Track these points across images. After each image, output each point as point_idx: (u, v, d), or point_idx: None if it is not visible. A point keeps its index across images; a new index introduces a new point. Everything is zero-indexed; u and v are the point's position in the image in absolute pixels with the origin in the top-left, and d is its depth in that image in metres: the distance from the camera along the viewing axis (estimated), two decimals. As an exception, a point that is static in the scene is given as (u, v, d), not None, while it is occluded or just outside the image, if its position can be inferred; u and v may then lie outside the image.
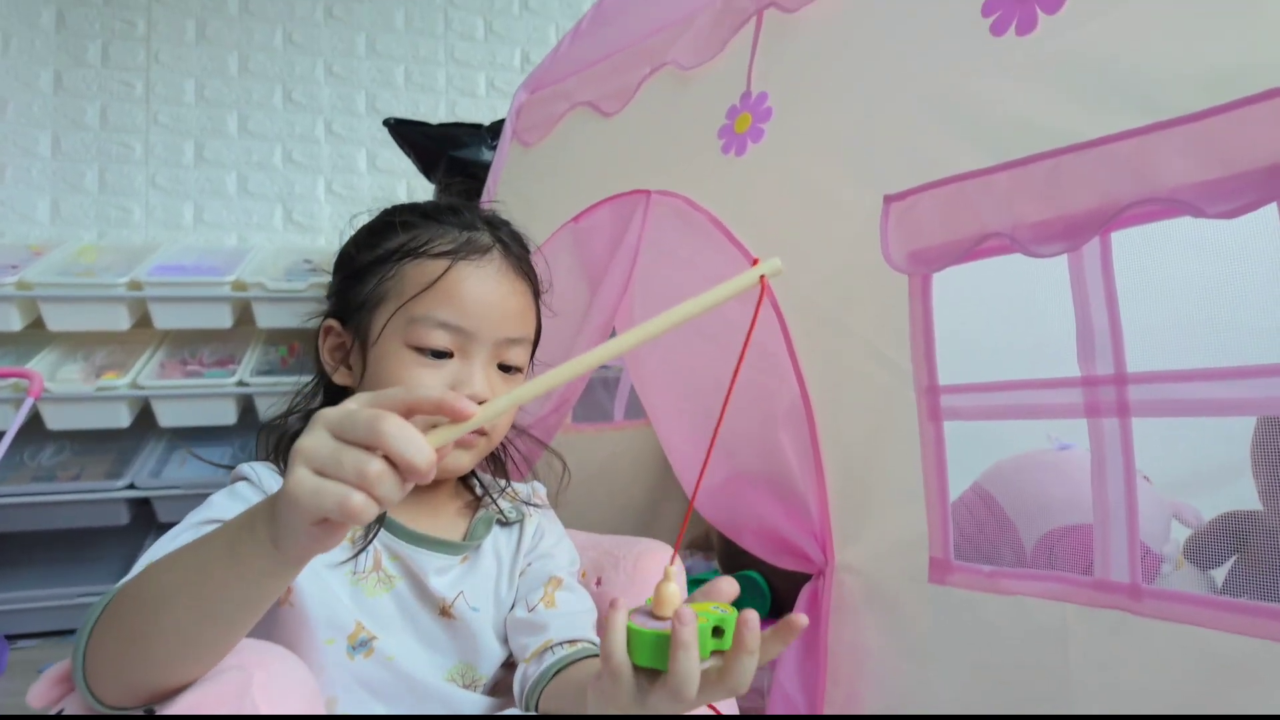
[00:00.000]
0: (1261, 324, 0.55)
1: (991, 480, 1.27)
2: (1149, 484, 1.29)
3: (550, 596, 0.72)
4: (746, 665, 0.43)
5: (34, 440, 1.83)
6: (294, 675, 0.47)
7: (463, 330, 0.65)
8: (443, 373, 0.65)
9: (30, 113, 2.11)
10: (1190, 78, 0.57)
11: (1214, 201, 0.54)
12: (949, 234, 0.72)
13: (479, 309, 0.66)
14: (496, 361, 0.68)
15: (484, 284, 0.68)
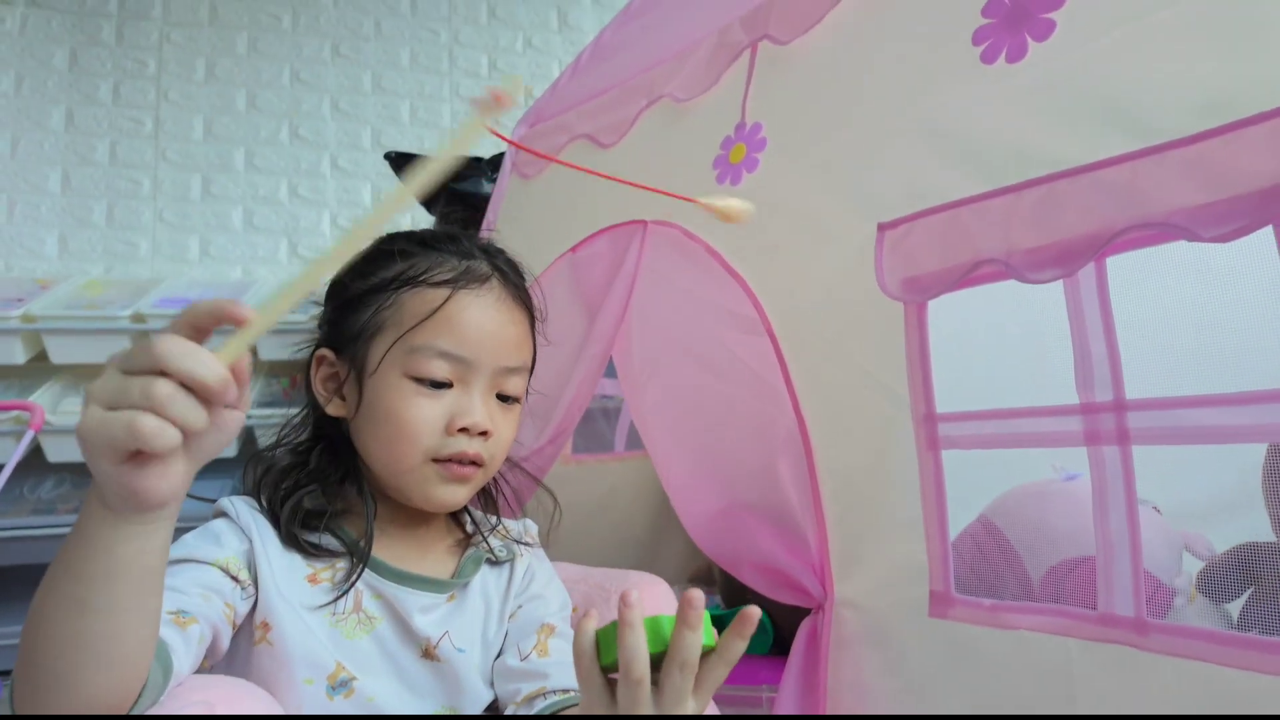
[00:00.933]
0: (1260, 347, 0.54)
1: (997, 512, 1.25)
2: (1159, 515, 1.27)
3: (544, 645, 0.71)
4: (690, 642, 0.47)
5: (35, 473, 1.83)
6: (259, 709, 0.46)
7: (463, 360, 0.65)
8: (442, 403, 0.65)
9: (41, 150, 2.15)
10: (1182, 101, 0.57)
11: (1209, 225, 0.54)
12: (943, 261, 0.72)
13: (478, 338, 0.66)
14: (495, 391, 0.68)
15: (484, 313, 0.67)
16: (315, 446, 0.71)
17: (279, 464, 0.70)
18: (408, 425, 0.64)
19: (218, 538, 0.62)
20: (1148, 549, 1.15)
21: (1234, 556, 0.97)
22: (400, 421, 0.64)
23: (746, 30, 1.02)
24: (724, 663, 0.50)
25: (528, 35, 2.55)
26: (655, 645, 0.47)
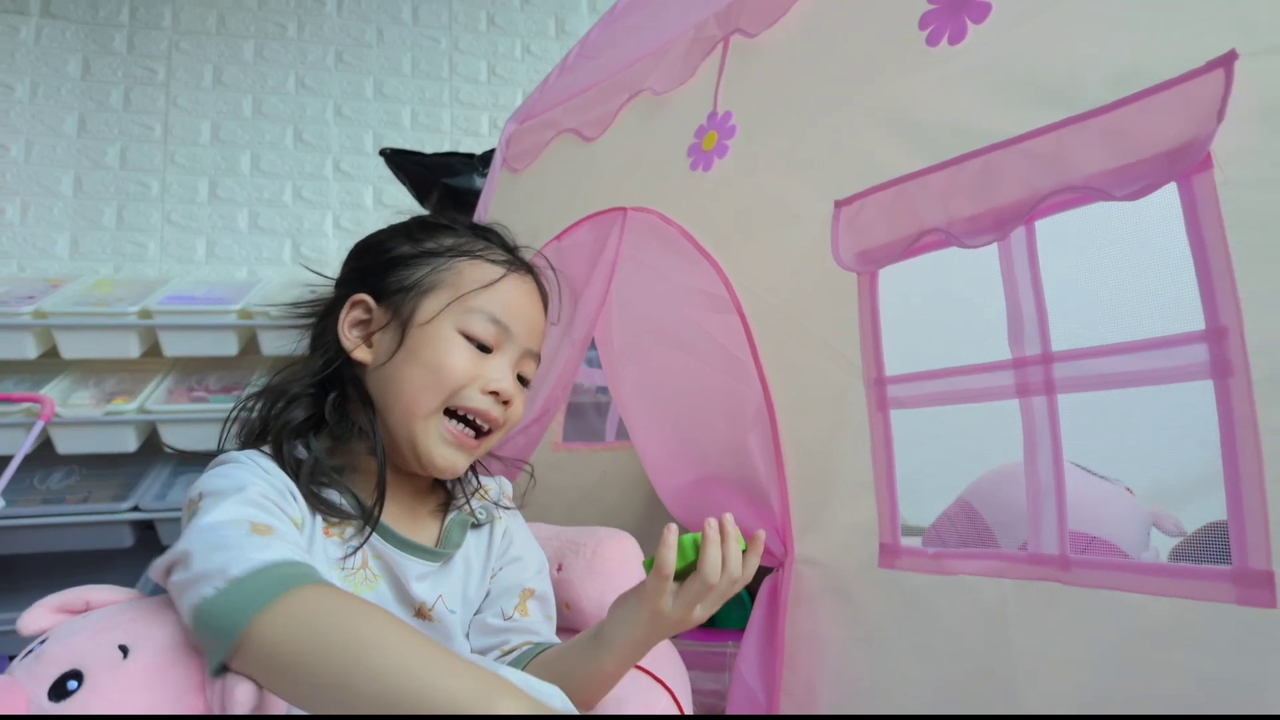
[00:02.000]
0: (1167, 296, 0.58)
1: (974, 493, 1.28)
2: (1131, 495, 1.30)
3: (524, 606, 0.78)
4: (732, 551, 0.67)
5: (44, 464, 1.88)
6: None
7: (508, 330, 0.73)
8: (480, 363, 0.72)
9: (54, 155, 2.22)
10: (1100, 74, 0.61)
11: (1122, 186, 0.58)
12: (892, 233, 0.76)
13: (521, 316, 0.75)
14: (517, 371, 0.75)
15: (527, 297, 0.78)
16: (328, 396, 0.71)
17: (295, 418, 0.70)
18: (447, 370, 0.69)
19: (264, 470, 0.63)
20: (1118, 525, 1.19)
21: (1203, 535, 1.00)
22: (442, 366, 0.69)
23: (720, 25, 1.06)
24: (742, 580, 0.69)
25: (526, 42, 2.62)
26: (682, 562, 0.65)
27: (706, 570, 0.64)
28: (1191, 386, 0.54)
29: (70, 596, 0.51)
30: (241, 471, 0.62)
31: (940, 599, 0.69)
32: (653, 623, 0.66)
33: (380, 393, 0.71)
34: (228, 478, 0.60)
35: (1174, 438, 1.13)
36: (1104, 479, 1.25)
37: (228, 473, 0.62)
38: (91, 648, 0.44)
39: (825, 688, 0.76)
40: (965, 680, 0.66)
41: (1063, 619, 0.60)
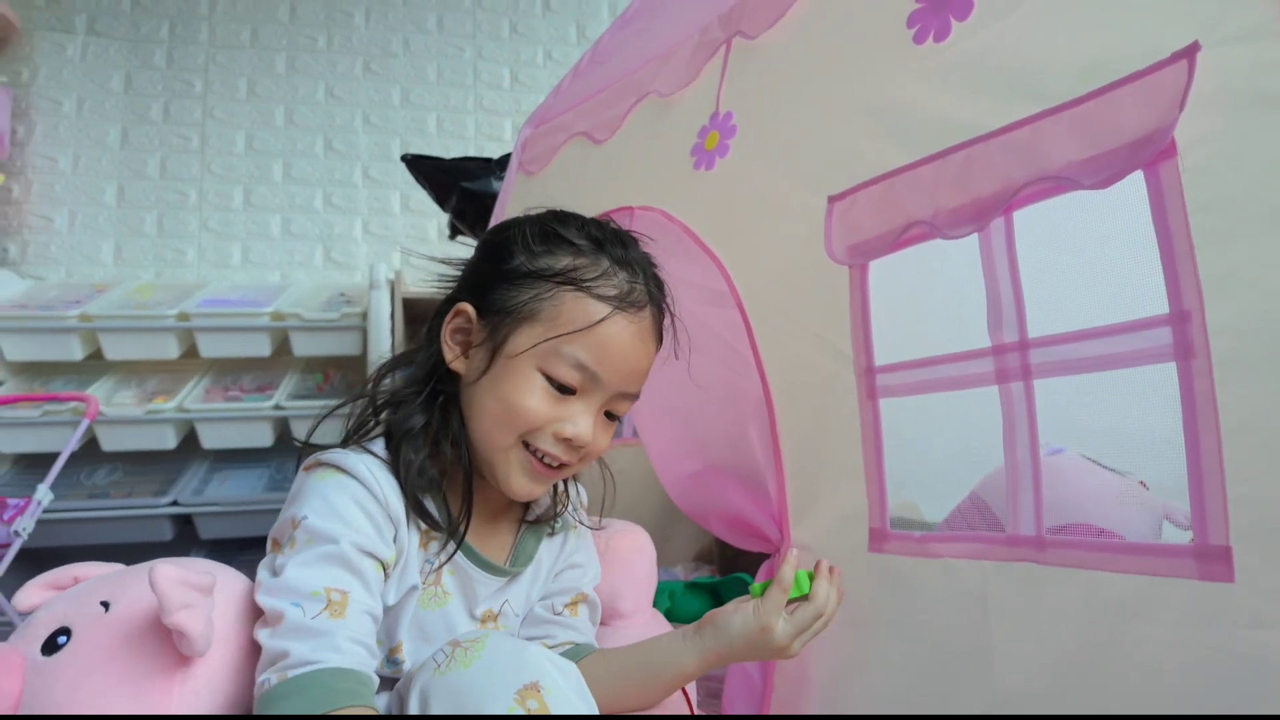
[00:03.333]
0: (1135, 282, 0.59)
1: (985, 488, 1.29)
2: (1144, 489, 1.30)
3: (575, 608, 0.78)
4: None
5: (90, 461, 1.98)
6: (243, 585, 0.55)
7: (596, 377, 0.66)
8: (560, 406, 0.66)
9: (99, 166, 2.33)
10: (1072, 68, 0.63)
11: (1091, 174, 0.59)
12: (882, 226, 0.78)
13: (618, 363, 0.67)
14: (606, 409, 0.69)
15: (630, 341, 0.68)
16: (435, 400, 0.70)
17: (415, 424, 0.68)
18: (521, 413, 0.65)
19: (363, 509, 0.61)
20: (1127, 519, 1.19)
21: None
22: (517, 408, 0.65)
23: (723, 28, 1.09)
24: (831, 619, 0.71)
25: (548, 49, 2.67)
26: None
27: (819, 601, 0.68)
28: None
29: (58, 574, 0.55)
30: (344, 503, 0.61)
31: (925, 582, 0.70)
32: (761, 638, 0.67)
33: (468, 409, 0.69)
34: (329, 512, 0.60)
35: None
36: (1115, 472, 1.24)
37: (331, 500, 0.60)
38: (77, 607, 0.49)
39: (817, 668, 0.78)
40: (947, 659, 0.68)
41: (1038, 598, 0.61)
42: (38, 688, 0.46)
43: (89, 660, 0.46)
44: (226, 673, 0.49)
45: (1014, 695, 0.63)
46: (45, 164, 2.29)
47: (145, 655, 0.46)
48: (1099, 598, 0.57)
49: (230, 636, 0.50)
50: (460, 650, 0.54)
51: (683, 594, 1.35)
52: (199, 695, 0.47)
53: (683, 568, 1.60)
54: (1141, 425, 1.21)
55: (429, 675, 0.53)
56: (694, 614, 1.34)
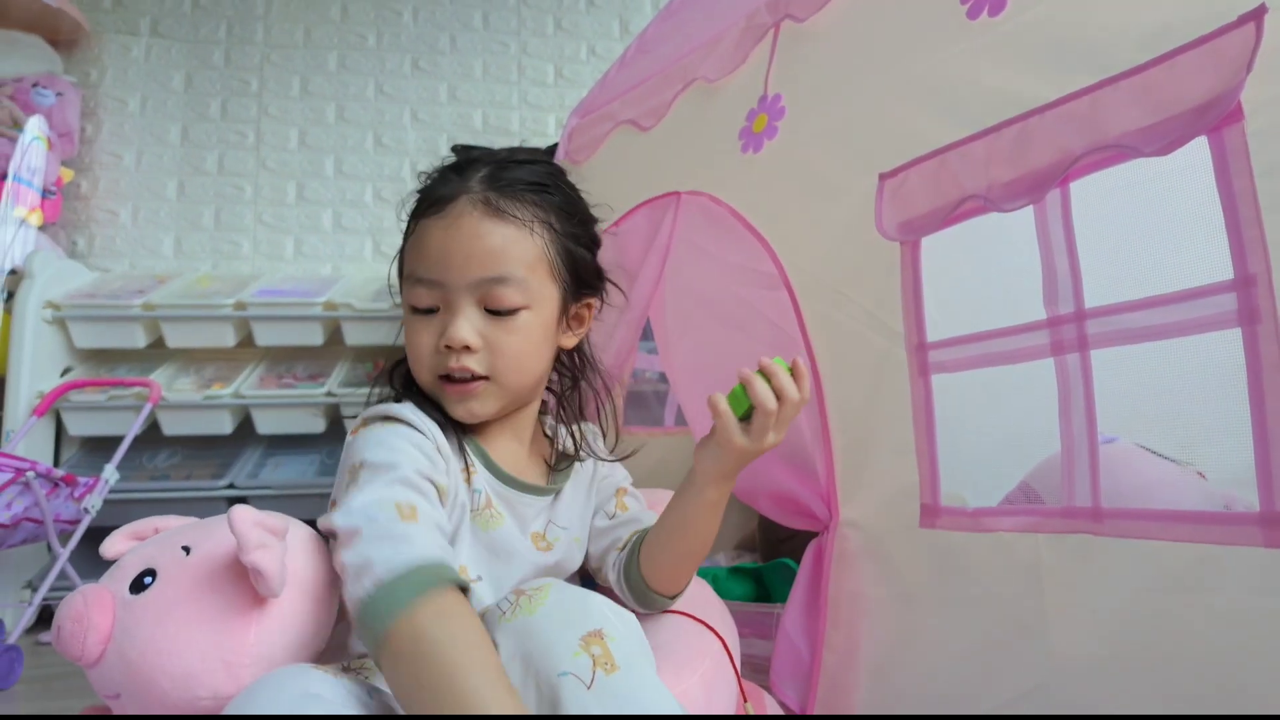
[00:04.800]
0: (1195, 250, 0.58)
1: (1036, 477, 1.27)
2: (1203, 479, 1.27)
3: (621, 502, 0.82)
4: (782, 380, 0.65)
5: (152, 445, 2.05)
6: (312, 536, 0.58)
7: (435, 282, 0.67)
8: (433, 325, 0.68)
9: (160, 162, 2.42)
10: (1132, 35, 0.62)
11: (1151, 142, 0.59)
12: (934, 202, 0.78)
13: (441, 258, 0.67)
14: (484, 305, 0.68)
15: (444, 233, 0.67)
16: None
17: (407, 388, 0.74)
18: (412, 349, 0.69)
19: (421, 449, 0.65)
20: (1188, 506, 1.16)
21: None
22: (410, 346, 0.70)
23: (771, 12, 1.10)
24: (802, 400, 0.67)
25: (591, 44, 2.69)
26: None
27: (762, 402, 0.65)
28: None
29: (140, 525, 0.59)
30: (398, 441, 0.64)
31: (977, 556, 0.70)
32: (736, 455, 0.68)
33: None
34: (386, 448, 0.63)
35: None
36: (1173, 462, 1.22)
37: (386, 441, 0.63)
38: (162, 550, 0.53)
39: (866, 643, 0.78)
40: (999, 632, 0.67)
41: (1094, 569, 0.61)
42: (126, 622, 0.49)
43: (173, 598, 0.50)
44: (298, 616, 0.52)
45: (1069, 667, 0.63)
46: (111, 160, 2.39)
47: (224, 595, 0.48)
48: (1157, 568, 0.57)
49: (301, 583, 0.52)
50: (525, 598, 0.56)
51: (726, 578, 1.35)
52: (272, 634, 0.50)
53: (724, 555, 1.61)
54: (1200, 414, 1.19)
55: (495, 622, 0.55)
56: (736, 597, 1.35)
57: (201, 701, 0.48)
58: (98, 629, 0.49)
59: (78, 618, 0.49)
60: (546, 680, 0.50)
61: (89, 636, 0.48)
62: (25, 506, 1.48)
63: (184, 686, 0.48)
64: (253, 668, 0.49)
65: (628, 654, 0.53)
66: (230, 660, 0.48)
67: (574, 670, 0.50)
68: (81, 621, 0.49)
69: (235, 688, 0.48)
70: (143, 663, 0.48)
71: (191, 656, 0.48)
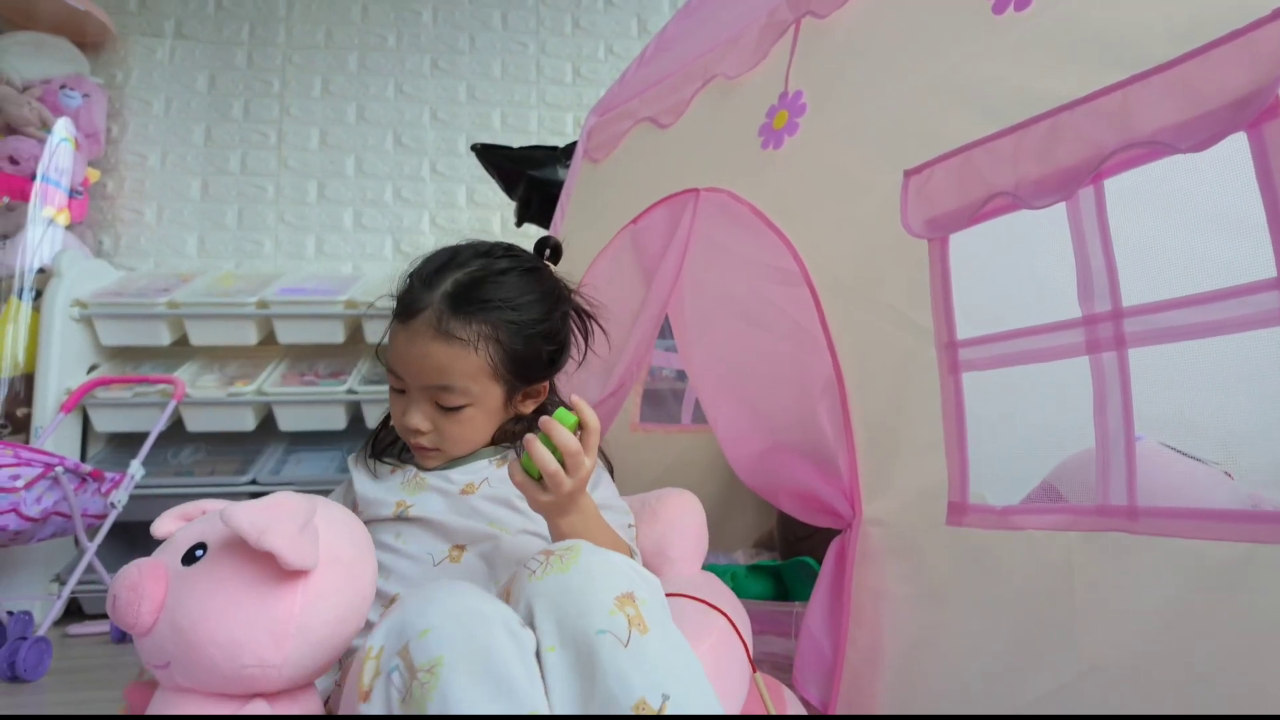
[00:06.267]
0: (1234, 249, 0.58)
1: (1059, 476, 1.26)
2: (1230, 479, 1.25)
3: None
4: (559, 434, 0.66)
5: (176, 441, 2.08)
6: (348, 515, 0.59)
7: (398, 376, 0.79)
8: (399, 403, 0.80)
9: (185, 163, 2.45)
10: (1164, 30, 0.61)
11: (1187, 138, 0.58)
12: (961, 199, 0.77)
13: (402, 363, 0.78)
14: (434, 401, 0.78)
15: (405, 343, 0.77)
16: None
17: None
18: (391, 413, 0.83)
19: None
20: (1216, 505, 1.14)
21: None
22: (391, 411, 0.83)
23: (792, 9, 1.09)
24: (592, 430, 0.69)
25: (609, 43, 2.70)
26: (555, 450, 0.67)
27: (543, 464, 0.66)
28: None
29: (189, 506, 0.62)
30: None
31: (1006, 554, 0.70)
32: (551, 508, 0.70)
33: None
34: None
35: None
36: (1200, 461, 1.21)
37: None
38: (211, 526, 0.55)
39: (890, 641, 0.78)
40: (1028, 631, 0.67)
41: (1128, 568, 0.60)
42: (178, 592, 0.51)
43: (223, 570, 0.52)
44: (337, 590, 0.54)
45: (1099, 666, 0.62)
46: (136, 161, 2.42)
47: (269, 569, 0.50)
48: (1194, 567, 0.56)
49: (337, 558, 0.54)
50: (555, 557, 0.56)
51: (745, 576, 1.35)
52: (317, 606, 0.52)
53: (743, 553, 1.60)
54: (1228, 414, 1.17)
55: (525, 582, 0.56)
56: (755, 596, 1.35)
57: (247, 670, 0.50)
58: (151, 598, 0.50)
59: (133, 586, 0.51)
60: (583, 637, 0.51)
61: (143, 605, 0.50)
62: (54, 501, 1.50)
63: (231, 655, 0.49)
64: (296, 638, 0.51)
65: (657, 617, 0.54)
66: (275, 630, 0.50)
67: (611, 629, 0.51)
68: (137, 590, 0.50)
69: (280, 658, 0.50)
70: (193, 630, 0.49)
71: (240, 626, 0.50)
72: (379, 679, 0.48)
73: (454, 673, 0.46)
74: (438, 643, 0.47)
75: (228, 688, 0.50)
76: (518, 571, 0.58)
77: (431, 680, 0.46)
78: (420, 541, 0.76)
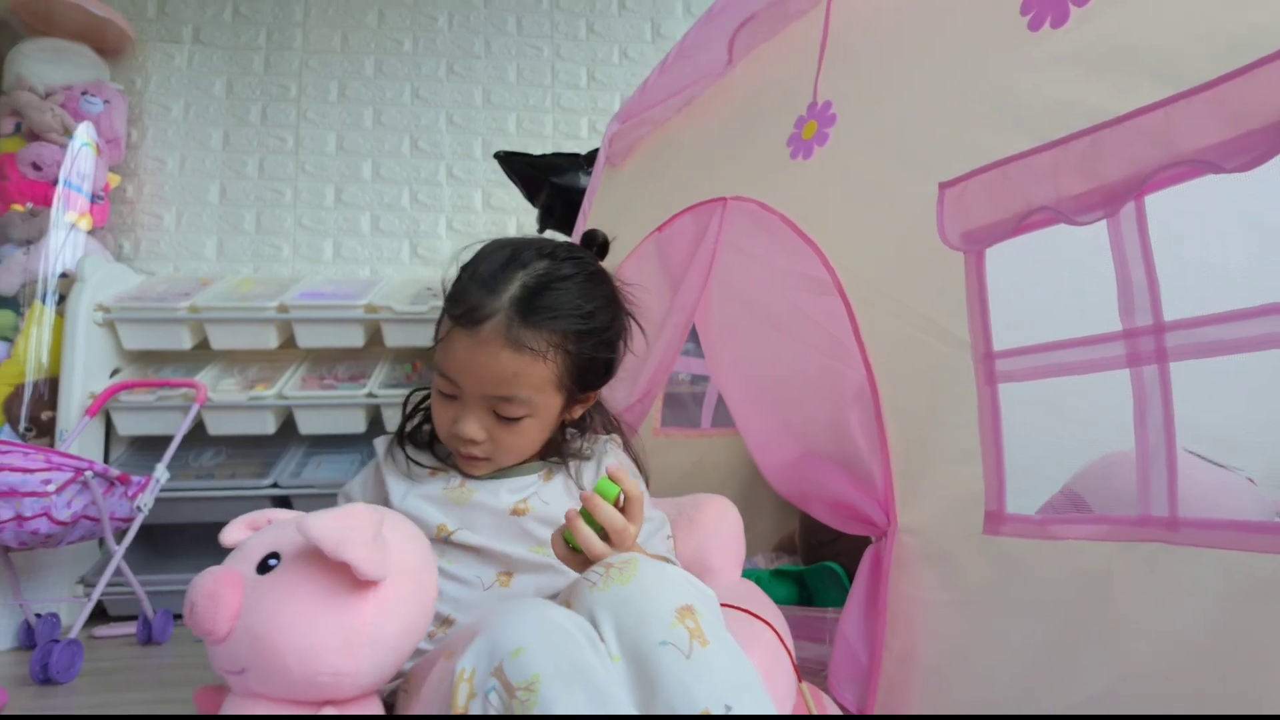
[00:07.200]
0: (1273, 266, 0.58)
1: (1080, 482, 1.27)
2: (1253, 484, 1.26)
3: None
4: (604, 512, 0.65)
5: (197, 444, 2.10)
6: (411, 527, 0.60)
7: (455, 383, 0.76)
8: (451, 408, 0.77)
9: (203, 167, 2.47)
10: (1207, 48, 0.62)
11: (1231, 157, 0.59)
12: (998, 213, 0.78)
13: (463, 371, 0.75)
14: (492, 410, 0.76)
15: (469, 351, 0.74)
16: None
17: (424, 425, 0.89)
18: (435, 418, 0.80)
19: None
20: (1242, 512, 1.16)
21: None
22: (434, 413, 0.80)
23: None
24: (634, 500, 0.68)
25: (623, 47, 2.71)
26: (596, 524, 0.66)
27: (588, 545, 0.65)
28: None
29: (255, 516, 0.63)
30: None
31: (1043, 562, 0.71)
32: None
33: None
34: None
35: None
36: (1223, 467, 1.22)
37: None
38: (282, 536, 0.56)
39: (925, 647, 0.79)
40: (1064, 639, 0.68)
41: (1167, 578, 0.61)
42: (254, 600, 0.53)
43: (296, 578, 0.53)
44: (405, 599, 0.56)
45: (1137, 674, 0.63)
46: (155, 165, 2.44)
47: (341, 578, 0.51)
48: (1234, 578, 0.57)
49: (405, 569, 0.55)
50: (615, 570, 0.57)
51: (769, 581, 1.36)
52: (387, 615, 0.54)
53: (763, 557, 1.62)
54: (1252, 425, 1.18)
55: (587, 593, 0.57)
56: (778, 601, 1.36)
57: (321, 677, 0.51)
58: (229, 605, 0.52)
59: (211, 595, 0.52)
60: (646, 648, 0.52)
61: (221, 612, 0.52)
62: (84, 505, 1.52)
63: (306, 661, 0.51)
64: (368, 647, 0.52)
65: (715, 629, 0.55)
66: (349, 639, 0.52)
67: (672, 640, 0.52)
68: (214, 598, 0.52)
69: (353, 666, 0.52)
70: (269, 637, 0.51)
71: (316, 633, 0.51)
72: (474, 700, 0.48)
73: (552, 688, 0.47)
74: (532, 660, 0.48)
75: (302, 694, 0.51)
76: (577, 583, 0.59)
77: (531, 697, 0.47)
78: (468, 566, 0.76)
